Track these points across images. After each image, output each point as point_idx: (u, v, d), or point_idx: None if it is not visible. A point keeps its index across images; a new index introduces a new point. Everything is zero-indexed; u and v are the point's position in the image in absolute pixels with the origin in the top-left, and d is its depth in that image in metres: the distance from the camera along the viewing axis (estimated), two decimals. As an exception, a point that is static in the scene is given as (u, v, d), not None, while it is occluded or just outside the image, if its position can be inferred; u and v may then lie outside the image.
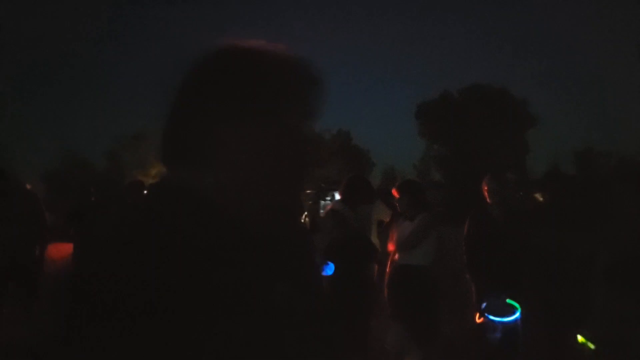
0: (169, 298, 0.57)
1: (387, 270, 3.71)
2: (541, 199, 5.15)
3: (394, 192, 3.73)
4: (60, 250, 6.29)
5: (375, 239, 3.95)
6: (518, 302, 2.51)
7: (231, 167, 0.72)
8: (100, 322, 0.55)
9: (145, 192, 0.80)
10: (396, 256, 3.65)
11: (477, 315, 2.90)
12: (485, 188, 3.70)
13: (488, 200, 3.70)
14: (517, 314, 2.15)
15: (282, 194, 0.76)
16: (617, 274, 2.10)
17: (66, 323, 0.57)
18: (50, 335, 0.58)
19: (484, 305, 2.21)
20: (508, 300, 2.16)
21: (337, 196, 3.99)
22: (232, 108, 0.72)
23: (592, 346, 2.21)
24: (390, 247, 3.69)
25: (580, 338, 2.32)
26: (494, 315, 2.12)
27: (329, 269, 3.22)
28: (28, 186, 5.73)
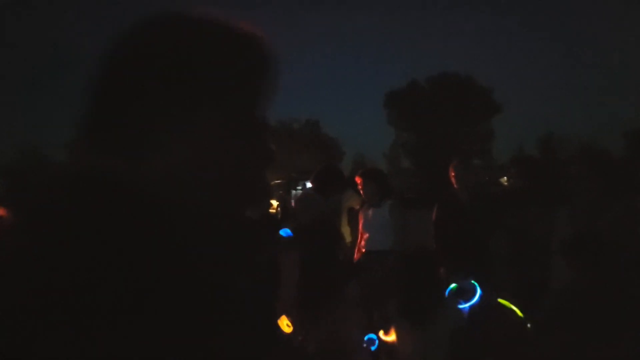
0: (86, 295, 0.52)
1: (355, 256, 3.77)
2: (506, 182, 5.30)
3: (357, 180, 3.79)
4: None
5: (345, 227, 4.01)
6: (486, 283, 2.60)
7: (166, 156, 0.63)
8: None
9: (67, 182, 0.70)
10: (363, 242, 3.73)
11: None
12: (452, 174, 3.78)
13: (455, 185, 3.79)
14: (477, 296, 2.23)
15: (225, 187, 0.68)
16: (574, 249, 2.20)
17: None
18: None
19: (449, 288, 2.27)
20: (473, 282, 2.22)
21: (309, 185, 4.03)
22: (167, 88, 0.63)
23: (520, 314, 2.31)
24: (359, 233, 3.75)
25: (503, 301, 2.41)
26: (461, 298, 2.19)
27: (284, 232, 3.28)
28: None
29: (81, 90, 0.67)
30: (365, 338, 2.72)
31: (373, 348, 2.77)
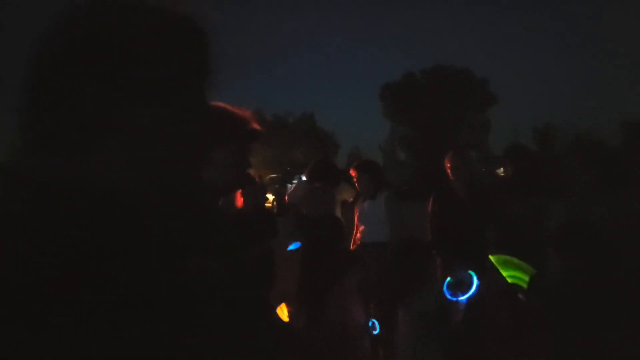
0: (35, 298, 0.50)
1: (351, 248, 3.77)
2: (502, 174, 5.30)
3: (352, 172, 3.80)
4: None
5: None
6: (482, 275, 2.59)
7: (103, 154, 0.61)
8: None
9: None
10: (358, 234, 3.72)
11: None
12: (448, 165, 3.78)
13: (451, 177, 3.77)
14: (475, 286, 2.21)
15: (170, 178, 0.66)
16: (563, 240, 2.19)
17: None
18: None
19: (447, 281, 2.25)
20: (470, 272, 2.21)
21: (303, 178, 4.04)
22: (98, 82, 0.60)
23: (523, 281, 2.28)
24: (355, 225, 3.77)
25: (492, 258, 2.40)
26: (458, 290, 2.17)
27: (294, 245, 3.26)
28: None
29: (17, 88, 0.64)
30: (369, 323, 2.75)
31: (375, 332, 2.81)
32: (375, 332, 2.74)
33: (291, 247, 3.35)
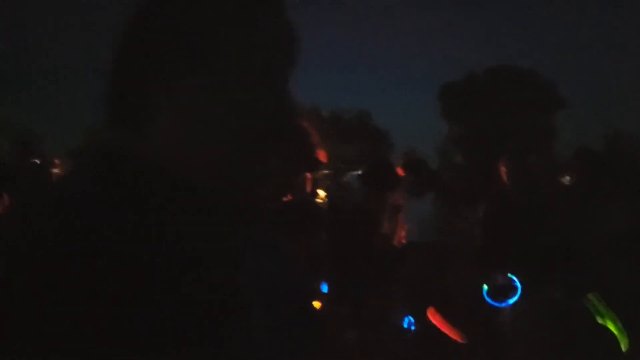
0: (104, 274, 0.51)
1: (397, 248, 3.73)
2: (566, 180, 5.02)
3: (399, 171, 3.75)
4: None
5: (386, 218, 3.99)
6: (531, 287, 2.46)
7: (175, 127, 0.62)
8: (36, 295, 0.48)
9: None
10: (403, 233, 3.68)
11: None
12: (503, 169, 3.66)
13: (506, 181, 3.65)
14: (518, 292, 2.10)
15: (242, 166, 0.65)
16: (629, 247, 2.03)
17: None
18: None
19: (485, 288, 2.16)
20: (510, 276, 2.10)
21: (356, 175, 4.04)
22: (170, 58, 0.60)
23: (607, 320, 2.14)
24: (399, 225, 3.73)
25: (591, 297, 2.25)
26: (501, 295, 2.07)
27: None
28: None
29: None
30: (405, 319, 2.74)
31: (412, 328, 2.78)
32: (412, 329, 2.72)
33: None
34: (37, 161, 5.89)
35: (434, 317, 2.74)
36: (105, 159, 0.61)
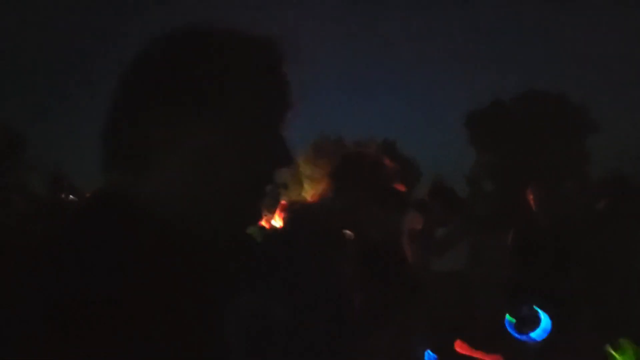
0: (94, 301, 0.52)
1: (421, 277, 3.67)
2: (597, 206, 4.88)
3: (425, 199, 3.73)
4: None
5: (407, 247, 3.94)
6: (562, 320, 2.37)
7: (173, 171, 0.64)
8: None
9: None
10: (428, 262, 3.62)
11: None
12: (531, 196, 3.59)
13: (534, 208, 3.57)
14: (546, 324, 2.02)
15: (230, 203, 0.66)
16: None
17: None
18: None
19: (507, 319, 2.10)
20: (535, 308, 2.03)
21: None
22: (172, 103, 0.62)
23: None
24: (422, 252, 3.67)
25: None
26: (525, 327, 2.01)
27: None
28: None
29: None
30: (425, 354, 2.66)
31: None
32: None
33: None
34: (73, 197, 6.05)
35: (462, 349, 2.66)
36: (104, 203, 0.64)
